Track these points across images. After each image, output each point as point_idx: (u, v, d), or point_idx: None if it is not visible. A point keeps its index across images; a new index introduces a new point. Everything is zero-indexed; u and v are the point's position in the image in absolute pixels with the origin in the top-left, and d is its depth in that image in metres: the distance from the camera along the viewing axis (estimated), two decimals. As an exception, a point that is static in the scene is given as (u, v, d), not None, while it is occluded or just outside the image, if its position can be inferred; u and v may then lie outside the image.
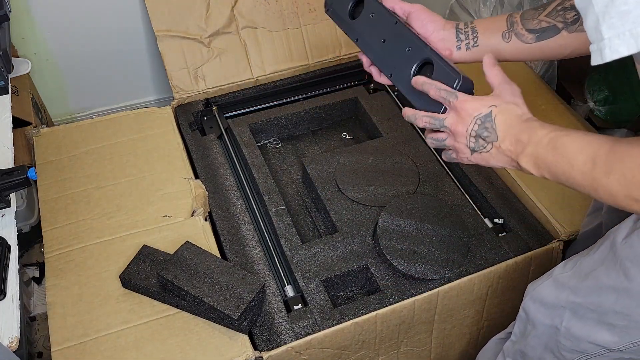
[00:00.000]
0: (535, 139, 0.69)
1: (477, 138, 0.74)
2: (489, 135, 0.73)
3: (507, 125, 0.73)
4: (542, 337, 0.87)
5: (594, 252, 0.78)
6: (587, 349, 0.80)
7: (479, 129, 0.74)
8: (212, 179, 1.21)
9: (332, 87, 1.47)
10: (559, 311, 0.82)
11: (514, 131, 0.72)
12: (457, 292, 1.04)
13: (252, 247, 1.09)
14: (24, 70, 1.14)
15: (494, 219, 1.16)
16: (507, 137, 0.72)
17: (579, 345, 0.81)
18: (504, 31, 0.85)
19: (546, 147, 0.68)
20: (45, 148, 1.23)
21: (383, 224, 1.08)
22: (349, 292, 1.09)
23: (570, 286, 0.80)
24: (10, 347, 0.82)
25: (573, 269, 0.81)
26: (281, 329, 0.97)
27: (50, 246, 1.06)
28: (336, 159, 1.24)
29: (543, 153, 0.68)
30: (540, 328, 0.86)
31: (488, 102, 0.74)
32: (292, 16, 1.44)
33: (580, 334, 0.80)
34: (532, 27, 0.83)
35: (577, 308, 0.79)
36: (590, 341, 0.79)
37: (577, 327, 0.80)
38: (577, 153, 0.65)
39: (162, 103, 1.59)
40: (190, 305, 0.95)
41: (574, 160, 0.65)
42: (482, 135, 0.74)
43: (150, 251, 1.02)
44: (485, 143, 0.74)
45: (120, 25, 1.42)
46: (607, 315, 0.76)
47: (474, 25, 0.87)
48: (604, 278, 0.75)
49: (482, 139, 0.74)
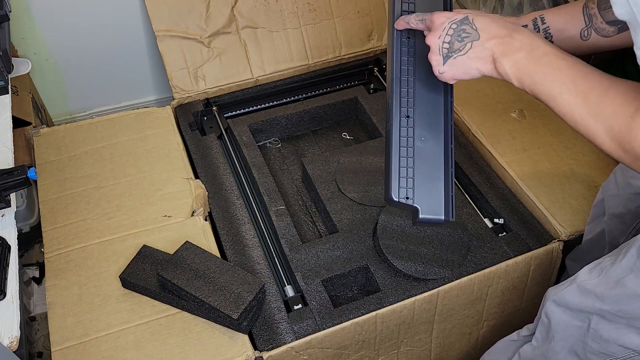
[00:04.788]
0: (529, 46, 0.66)
1: (450, 43, 0.70)
2: (468, 35, 0.69)
3: (489, 23, 0.69)
4: (568, 340, 0.85)
5: (621, 260, 0.76)
6: (615, 352, 0.79)
7: (454, 33, 0.69)
8: (212, 179, 1.21)
9: (332, 87, 1.47)
10: (585, 315, 0.80)
11: (501, 28, 0.68)
12: (457, 292, 1.04)
13: (252, 247, 1.09)
14: (24, 70, 1.14)
15: (494, 219, 1.16)
16: (491, 32, 0.68)
17: (607, 348, 0.79)
18: (582, 29, 0.78)
19: (538, 61, 0.65)
20: (45, 148, 1.23)
21: (383, 224, 1.08)
22: (349, 292, 1.09)
23: (597, 293, 0.78)
24: (10, 347, 0.82)
25: (600, 277, 0.79)
26: (281, 329, 0.97)
27: (50, 246, 1.06)
28: (336, 159, 1.24)
29: (533, 66, 0.65)
30: (566, 331, 0.84)
31: (464, 11, 0.71)
32: (292, 16, 1.44)
33: (609, 336, 0.78)
34: (613, 18, 0.75)
35: (605, 314, 0.78)
36: (620, 344, 0.77)
37: (606, 330, 0.78)
38: (572, 80, 0.62)
39: (162, 103, 1.59)
40: (190, 305, 0.95)
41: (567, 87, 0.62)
42: (459, 37, 0.69)
43: (150, 251, 1.02)
44: (461, 45, 0.69)
45: (120, 25, 1.42)
46: (636, 320, 0.74)
47: (546, 27, 0.80)
48: (632, 286, 0.73)
49: (458, 42, 0.69)
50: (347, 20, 1.48)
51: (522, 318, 1.17)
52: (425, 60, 0.75)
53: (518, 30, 0.68)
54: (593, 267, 0.81)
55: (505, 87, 1.38)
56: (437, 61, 0.72)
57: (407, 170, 0.77)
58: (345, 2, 1.47)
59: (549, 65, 0.65)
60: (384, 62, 1.50)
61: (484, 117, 1.31)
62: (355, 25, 1.49)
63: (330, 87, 1.47)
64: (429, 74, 0.77)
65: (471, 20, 0.70)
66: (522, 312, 1.17)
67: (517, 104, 1.33)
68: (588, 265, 0.82)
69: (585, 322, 0.81)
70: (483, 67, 0.70)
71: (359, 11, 1.49)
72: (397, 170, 0.76)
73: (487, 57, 0.69)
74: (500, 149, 1.24)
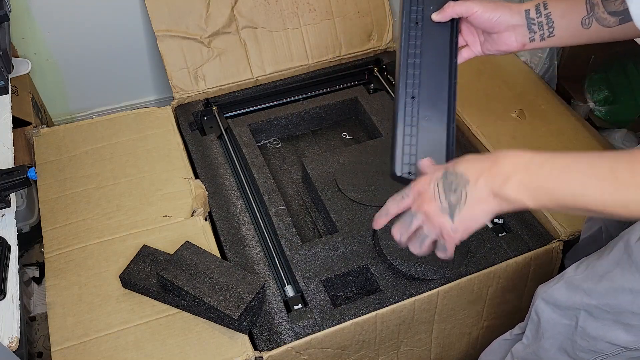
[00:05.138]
0: (523, 164, 0.62)
1: (447, 195, 0.66)
2: (459, 181, 0.65)
3: (468, 163, 0.66)
4: (557, 338, 0.85)
5: (608, 254, 0.77)
6: (603, 349, 0.80)
7: (444, 185, 0.67)
8: (212, 179, 1.21)
9: (332, 87, 1.47)
10: (573, 312, 0.81)
11: (483, 162, 0.65)
12: (457, 292, 1.04)
13: (252, 247, 1.09)
14: (24, 70, 1.13)
15: (494, 219, 1.16)
16: (475, 170, 0.65)
17: (595, 345, 0.80)
18: (584, 17, 0.77)
19: (541, 169, 0.61)
20: (45, 148, 1.23)
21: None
22: (349, 292, 1.09)
23: (585, 288, 0.79)
24: (10, 347, 0.82)
25: (586, 271, 0.79)
26: (281, 329, 0.97)
27: (50, 246, 1.05)
28: (336, 159, 1.24)
29: (540, 177, 0.61)
30: (555, 329, 0.85)
31: (438, 168, 0.69)
32: (292, 16, 1.44)
33: (596, 333, 0.79)
34: (614, 9, 0.74)
35: (592, 310, 0.78)
36: (607, 341, 0.78)
37: (593, 327, 0.79)
38: (588, 169, 0.58)
39: (162, 103, 1.59)
40: (190, 305, 0.95)
41: (588, 176, 0.58)
42: (451, 187, 0.66)
43: (150, 251, 1.02)
44: (457, 195, 0.65)
45: (120, 25, 1.42)
46: (623, 315, 0.75)
47: (548, 13, 0.78)
48: (619, 279, 0.74)
49: (452, 192, 0.66)
50: (347, 20, 1.48)
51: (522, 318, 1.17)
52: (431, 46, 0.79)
53: (500, 154, 0.65)
54: (580, 262, 0.82)
55: (506, 87, 1.38)
56: (445, 226, 0.68)
57: (411, 147, 0.82)
58: (345, 2, 1.47)
59: (554, 169, 0.61)
60: (384, 62, 1.51)
61: (484, 117, 1.31)
62: (355, 25, 1.49)
63: (330, 87, 1.47)
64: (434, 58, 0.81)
65: (451, 171, 0.67)
66: (522, 312, 1.17)
67: (517, 104, 1.33)
68: (577, 262, 0.83)
69: (573, 320, 0.82)
70: (488, 207, 0.65)
71: (359, 11, 1.49)
72: (401, 147, 0.82)
73: (487, 195, 0.64)
74: (500, 149, 1.24)
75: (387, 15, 1.51)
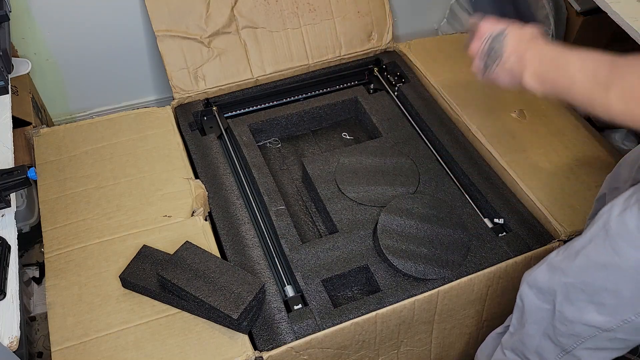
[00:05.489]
0: (539, 57, 0.73)
1: (487, 56, 0.80)
2: (497, 52, 0.78)
3: (514, 43, 0.77)
4: (541, 323, 0.87)
5: (586, 232, 0.79)
6: (581, 332, 0.81)
7: (489, 47, 0.79)
8: (212, 179, 1.21)
9: (332, 87, 1.47)
10: (551, 296, 0.83)
11: (520, 50, 0.76)
12: (457, 292, 1.04)
13: (252, 247, 1.09)
14: (24, 70, 1.13)
15: (494, 219, 1.16)
16: (512, 54, 0.77)
17: (574, 328, 0.81)
18: None
19: (550, 64, 0.72)
20: (45, 148, 1.23)
21: (383, 224, 1.08)
22: (349, 292, 1.09)
23: (562, 267, 0.81)
24: (10, 347, 0.82)
25: (565, 252, 0.82)
26: (281, 329, 0.97)
27: (50, 246, 1.06)
28: (336, 159, 1.24)
29: (546, 70, 0.72)
30: (537, 314, 0.86)
31: (503, 25, 0.80)
32: (292, 16, 1.44)
33: (573, 316, 0.80)
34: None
35: (568, 289, 0.80)
36: (583, 323, 0.79)
37: (569, 310, 0.81)
38: (578, 71, 0.68)
39: (162, 103, 1.59)
40: (190, 305, 0.95)
41: (575, 77, 0.68)
42: (491, 52, 0.79)
43: (150, 251, 1.02)
44: (493, 60, 0.79)
45: (120, 25, 1.42)
46: (597, 294, 0.76)
47: None
48: (593, 255, 0.76)
49: (490, 57, 0.79)
50: (347, 20, 1.48)
51: (522, 318, 1.17)
52: None
53: (533, 44, 0.76)
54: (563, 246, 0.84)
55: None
56: (478, 68, 0.82)
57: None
58: (345, 2, 1.48)
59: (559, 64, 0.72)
60: (384, 62, 1.51)
61: (484, 117, 1.31)
62: (355, 25, 1.49)
63: (330, 87, 1.47)
64: None
65: (502, 38, 0.78)
66: (522, 312, 1.17)
67: (517, 104, 1.34)
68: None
69: (551, 305, 0.83)
70: (514, 83, 0.78)
71: (359, 11, 1.49)
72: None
73: (512, 77, 0.78)
74: (500, 149, 1.24)
75: (387, 15, 1.51)
